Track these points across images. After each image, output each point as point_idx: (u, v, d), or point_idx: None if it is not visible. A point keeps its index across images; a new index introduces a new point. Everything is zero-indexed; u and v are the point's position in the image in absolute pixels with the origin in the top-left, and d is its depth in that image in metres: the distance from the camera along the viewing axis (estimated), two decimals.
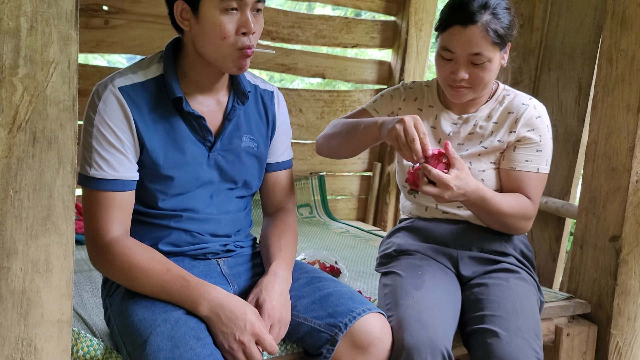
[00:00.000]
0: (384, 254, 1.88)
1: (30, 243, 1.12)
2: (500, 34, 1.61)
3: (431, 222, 1.83)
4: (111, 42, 2.93)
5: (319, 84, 5.20)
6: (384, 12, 3.62)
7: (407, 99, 1.84)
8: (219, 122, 1.54)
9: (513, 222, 1.71)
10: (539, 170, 1.73)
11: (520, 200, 1.70)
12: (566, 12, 2.73)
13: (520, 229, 1.75)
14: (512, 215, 1.69)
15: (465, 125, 1.77)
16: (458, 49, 1.61)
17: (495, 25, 1.60)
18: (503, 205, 1.66)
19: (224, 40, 1.40)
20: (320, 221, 3.38)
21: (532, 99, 1.77)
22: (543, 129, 1.73)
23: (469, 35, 1.59)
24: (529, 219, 1.74)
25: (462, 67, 1.63)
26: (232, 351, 1.33)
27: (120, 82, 1.43)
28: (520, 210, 1.70)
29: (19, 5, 1.05)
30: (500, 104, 1.76)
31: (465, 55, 1.61)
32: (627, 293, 2.05)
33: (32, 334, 1.14)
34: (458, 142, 1.77)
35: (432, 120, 1.80)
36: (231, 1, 1.38)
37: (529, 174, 1.72)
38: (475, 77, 1.64)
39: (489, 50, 1.61)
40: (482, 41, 1.59)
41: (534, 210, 1.73)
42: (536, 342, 1.54)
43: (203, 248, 1.56)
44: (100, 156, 1.40)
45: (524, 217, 1.71)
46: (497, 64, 1.66)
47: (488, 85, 1.69)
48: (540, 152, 1.72)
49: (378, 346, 1.45)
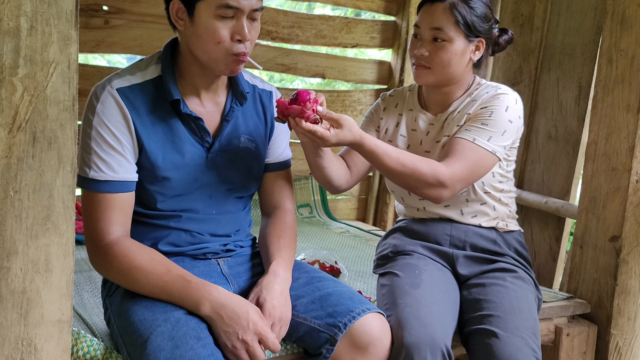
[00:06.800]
0: (381, 255, 1.88)
1: (30, 243, 1.12)
2: (467, 19, 1.65)
3: (425, 223, 1.84)
4: (111, 42, 2.93)
5: (319, 84, 5.19)
6: (384, 12, 3.62)
7: (387, 108, 1.88)
8: (217, 123, 1.54)
9: (410, 182, 1.59)
10: (474, 140, 1.63)
11: (421, 162, 1.59)
12: (566, 12, 2.73)
13: (425, 192, 1.61)
14: (403, 175, 1.58)
15: (439, 123, 1.79)
16: (422, 23, 1.69)
17: (463, 9, 1.65)
18: (390, 161, 1.56)
19: (218, 45, 1.41)
20: (320, 221, 3.38)
21: (501, 87, 1.74)
22: (498, 107, 1.66)
23: (434, 9, 1.67)
24: (437, 185, 1.59)
25: (425, 43, 1.69)
26: (235, 350, 1.33)
27: (118, 83, 1.43)
28: (416, 171, 1.57)
29: (19, 5, 1.05)
30: (469, 96, 1.77)
31: (427, 30, 1.68)
32: (627, 293, 2.05)
33: (32, 334, 1.14)
34: (436, 140, 1.78)
35: (412, 122, 1.82)
36: (227, 9, 1.38)
37: (460, 141, 1.64)
38: (435, 55, 1.68)
39: (450, 29, 1.66)
40: (443, 17, 1.66)
41: (446, 177, 1.58)
42: (534, 341, 1.55)
43: (203, 248, 1.56)
44: (99, 158, 1.40)
45: (424, 180, 1.58)
46: (460, 49, 1.68)
47: (449, 70, 1.69)
48: (484, 127, 1.64)
49: (377, 346, 1.45)
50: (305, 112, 1.46)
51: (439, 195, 1.62)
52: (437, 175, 1.58)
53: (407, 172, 1.58)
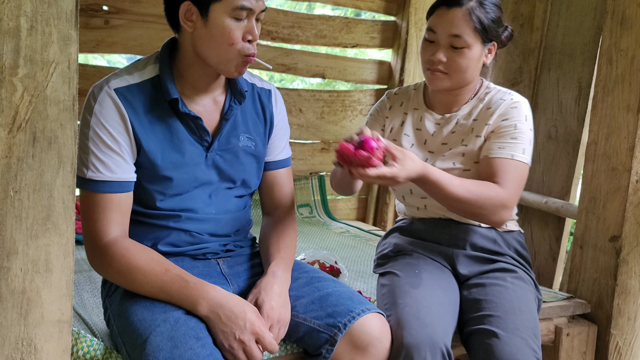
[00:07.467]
0: (381, 255, 1.88)
1: (30, 243, 1.12)
2: (484, 24, 1.64)
3: (425, 222, 1.84)
4: (111, 42, 2.93)
5: (319, 84, 5.19)
6: (384, 12, 3.62)
7: (392, 107, 1.86)
8: (216, 122, 1.54)
9: (475, 209, 1.59)
10: (513, 157, 1.65)
11: (484, 186, 1.60)
12: (566, 12, 2.73)
13: (491, 218, 1.62)
14: (471, 202, 1.57)
15: (448, 125, 1.78)
16: (440, 29, 1.65)
17: (480, 13, 1.64)
18: (456, 189, 1.55)
19: (232, 46, 1.41)
20: (320, 221, 3.38)
21: (512, 93, 1.75)
22: (519, 118, 1.68)
23: (451, 16, 1.64)
24: (501, 208, 1.61)
25: (442, 49, 1.66)
26: (232, 350, 1.34)
27: (116, 83, 1.43)
28: (482, 197, 1.58)
29: (19, 5, 1.05)
30: (481, 102, 1.76)
31: (446, 37, 1.65)
32: (627, 293, 2.05)
33: (32, 334, 1.14)
34: (442, 142, 1.77)
35: (417, 122, 1.82)
36: (242, 11, 1.39)
37: (501, 160, 1.65)
38: (453, 61, 1.66)
39: (469, 35, 1.64)
40: (463, 24, 1.63)
41: (507, 199, 1.61)
42: (534, 341, 1.54)
43: (202, 248, 1.56)
44: (97, 158, 1.40)
45: (491, 204, 1.59)
46: (477, 55, 1.68)
47: (465, 75, 1.69)
48: (515, 140, 1.66)
49: (377, 346, 1.45)
50: (372, 161, 1.42)
51: (503, 218, 1.64)
52: (501, 198, 1.60)
53: (473, 199, 1.58)
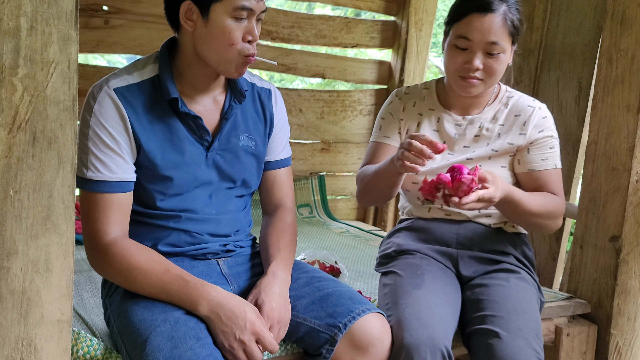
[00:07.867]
0: (384, 254, 1.88)
1: (30, 243, 1.12)
2: (516, 26, 1.64)
3: (432, 222, 1.83)
4: (111, 42, 2.93)
5: (319, 84, 5.20)
6: (384, 12, 3.62)
7: (406, 108, 1.83)
8: (216, 122, 1.54)
9: (543, 220, 1.71)
10: (556, 166, 1.76)
11: (548, 198, 1.71)
12: (566, 12, 2.73)
13: (551, 227, 1.75)
14: (541, 214, 1.68)
15: (471, 127, 1.77)
16: (476, 36, 1.61)
17: (512, 16, 1.63)
18: (532, 204, 1.66)
19: (232, 46, 1.41)
20: (320, 221, 3.38)
21: (535, 101, 1.79)
22: (551, 127, 1.77)
23: (488, 22, 1.61)
24: (559, 216, 1.74)
25: (477, 55, 1.63)
26: (232, 350, 1.33)
27: (115, 83, 1.43)
28: (550, 208, 1.70)
29: (19, 5, 1.05)
30: (504, 106, 1.77)
31: (482, 44, 1.62)
32: (627, 293, 2.05)
33: (32, 334, 1.14)
34: (464, 145, 1.77)
35: (435, 124, 1.80)
36: (242, 11, 1.39)
37: (549, 172, 1.74)
38: (489, 68, 1.64)
39: (505, 41, 1.63)
40: (500, 30, 1.61)
41: (563, 206, 1.74)
42: (537, 342, 1.54)
43: (203, 248, 1.56)
44: (97, 158, 1.40)
45: (554, 214, 1.72)
46: (508, 58, 1.68)
47: (497, 79, 1.70)
48: (553, 149, 1.76)
49: (378, 346, 1.45)
50: (471, 188, 1.47)
51: (559, 225, 1.77)
52: (561, 206, 1.73)
53: (545, 212, 1.69)
